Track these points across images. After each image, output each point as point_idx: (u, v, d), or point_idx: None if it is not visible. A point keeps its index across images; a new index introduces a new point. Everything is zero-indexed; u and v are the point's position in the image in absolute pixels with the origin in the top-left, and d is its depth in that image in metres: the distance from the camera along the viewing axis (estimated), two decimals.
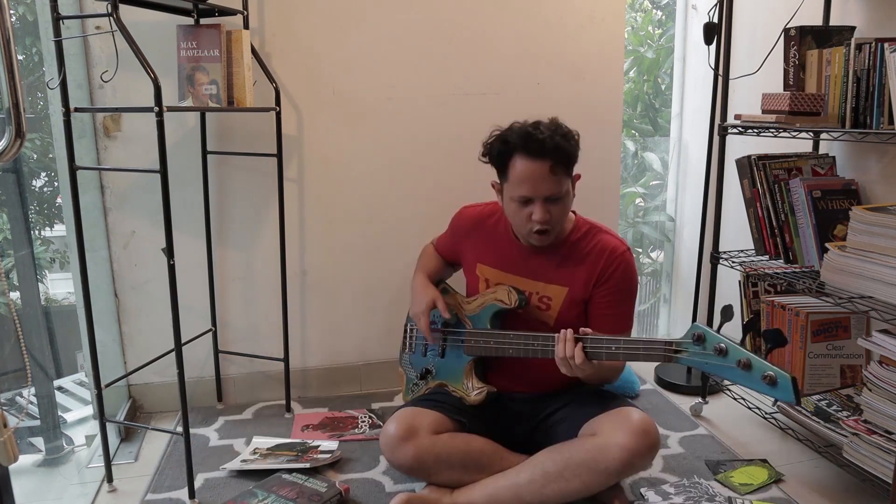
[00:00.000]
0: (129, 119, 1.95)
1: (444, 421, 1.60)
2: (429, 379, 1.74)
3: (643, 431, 1.45)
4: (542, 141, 1.50)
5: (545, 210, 1.53)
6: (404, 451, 1.53)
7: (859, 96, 1.62)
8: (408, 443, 1.53)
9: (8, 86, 0.93)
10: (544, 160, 1.50)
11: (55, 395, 2.11)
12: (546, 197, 1.52)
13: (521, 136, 1.52)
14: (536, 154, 1.50)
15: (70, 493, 1.70)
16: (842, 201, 1.78)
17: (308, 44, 2.04)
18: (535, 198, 1.53)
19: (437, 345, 1.72)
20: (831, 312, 1.83)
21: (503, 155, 1.56)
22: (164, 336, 2.02)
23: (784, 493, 1.65)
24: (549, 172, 1.50)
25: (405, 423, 1.55)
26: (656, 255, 3.19)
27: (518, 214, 1.57)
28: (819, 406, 1.77)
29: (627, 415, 1.49)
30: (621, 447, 1.43)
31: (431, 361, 1.74)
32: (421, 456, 1.53)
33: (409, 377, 1.80)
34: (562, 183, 1.54)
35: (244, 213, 2.09)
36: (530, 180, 1.51)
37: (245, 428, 2.00)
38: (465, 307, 1.70)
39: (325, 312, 2.22)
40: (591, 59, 2.24)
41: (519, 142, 1.52)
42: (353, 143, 2.13)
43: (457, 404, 1.65)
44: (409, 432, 1.54)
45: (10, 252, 1.96)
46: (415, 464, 1.54)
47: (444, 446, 1.54)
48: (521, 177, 1.52)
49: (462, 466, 1.55)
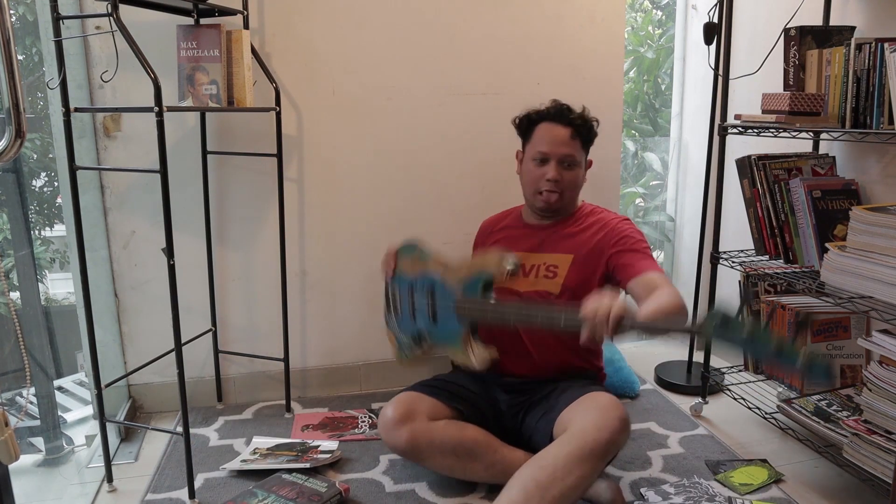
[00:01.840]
0: (129, 119, 1.95)
1: (442, 408, 1.63)
2: (423, 344, 1.70)
3: (607, 406, 1.47)
4: (569, 111, 1.74)
5: (559, 171, 1.70)
6: (400, 434, 1.56)
7: (859, 96, 1.62)
8: (404, 426, 1.56)
9: (8, 86, 0.93)
10: (566, 126, 1.72)
11: (55, 395, 2.11)
12: (561, 158, 1.71)
13: (551, 107, 1.76)
14: (560, 120, 1.73)
15: (70, 493, 1.70)
16: (842, 201, 1.78)
17: (308, 44, 2.04)
18: (551, 156, 1.71)
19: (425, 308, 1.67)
20: (831, 312, 1.84)
21: (532, 121, 1.77)
22: (164, 336, 2.02)
23: (784, 493, 1.65)
24: (569, 137, 1.71)
25: (403, 407, 1.59)
26: (656, 255, 3.18)
27: (533, 173, 1.74)
28: (819, 406, 1.77)
29: (593, 397, 1.53)
30: (595, 427, 1.43)
31: (424, 326, 1.69)
32: (416, 440, 1.56)
33: (400, 340, 1.76)
34: (578, 151, 1.73)
35: (244, 213, 2.09)
36: (550, 140, 1.71)
37: (245, 428, 2.00)
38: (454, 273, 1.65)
39: (325, 312, 2.22)
40: (591, 59, 2.24)
41: (548, 111, 1.75)
42: (353, 143, 2.13)
43: (455, 392, 1.68)
44: (406, 416, 1.57)
45: (10, 252, 1.96)
46: (409, 447, 1.57)
47: (439, 432, 1.57)
48: (542, 136, 1.73)
49: (454, 454, 1.57)
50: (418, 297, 1.68)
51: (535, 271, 1.74)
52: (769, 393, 2.10)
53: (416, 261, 1.73)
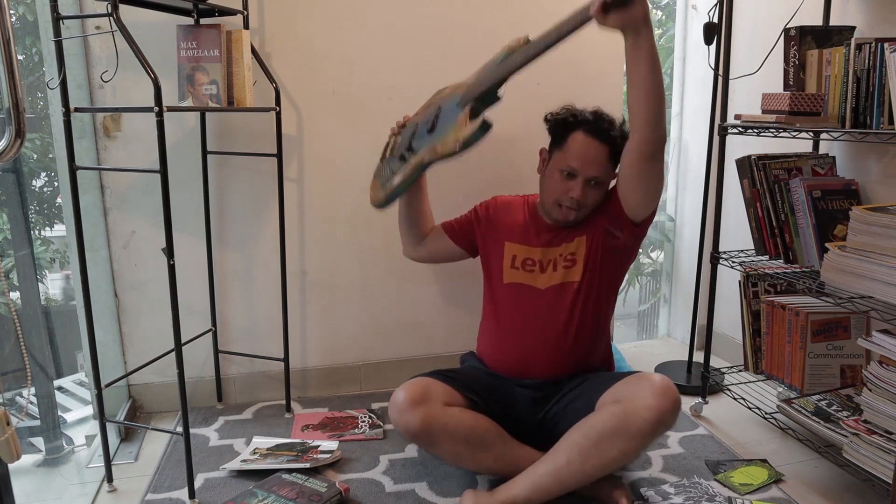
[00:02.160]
0: (129, 119, 1.95)
1: (456, 396, 1.60)
2: (409, 157, 1.61)
3: (664, 389, 1.47)
4: (610, 127, 1.62)
5: (584, 191, 1.62)
6: (413, 415, 1.52)
7: (859, 96, 1.62)
8: (418, 408, 1.52)
9: (8, 86, 0.93)
10: (605, 144, 1.61)
11: (55, 395, 2.11)
12: (589, 178, 1.62)
13: (593, 114, 1.64)
14: (601, 136, 1.61)
15: (70, 493, 1.70)
16: (842, 201, 1.78)
17: (308, 44, 2.04)
18: (580, 174, 1.61)
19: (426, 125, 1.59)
20: (831, 312, 1.84)
21: (568, 125, 1.64)
22: (164, 336, 2.02)
23: (784, 493, 1.65)
24: (605, 156, 1.61)
25: (418, 389, 1.55)
26: (656, 255, 3.19)
27: (556, 184, 1.65)
28: (819, 406, 1.77)
29: (647, 378, 1.51)
30: (649, 407, 1.44)
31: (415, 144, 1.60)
32: (429, 422, 1.52)
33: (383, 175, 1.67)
34: (608, 172, 1.64)
35: (244, 213, 2.09)
36: (585, 156, 1.61)
37: (245, 428, 2.00)
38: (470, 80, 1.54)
39: (325, 312, 2.22)
40: (591, 59, 2.24)
41: (589, 118, 1.63)
42: (353, 143, 2.13)
43: (470, 384, 1.66)
44: (421, 398, 1.54)
45: (10, 252, 1.97)
46: (421, 430, 1.52)
47: (453, 418, 1.54)
48: (576, 149, 1.61)
49: (466, 441, 1.55)
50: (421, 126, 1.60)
51: (552, 265, 1.71)
52: (769, 393, 2.10)
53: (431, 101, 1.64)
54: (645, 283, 3.85)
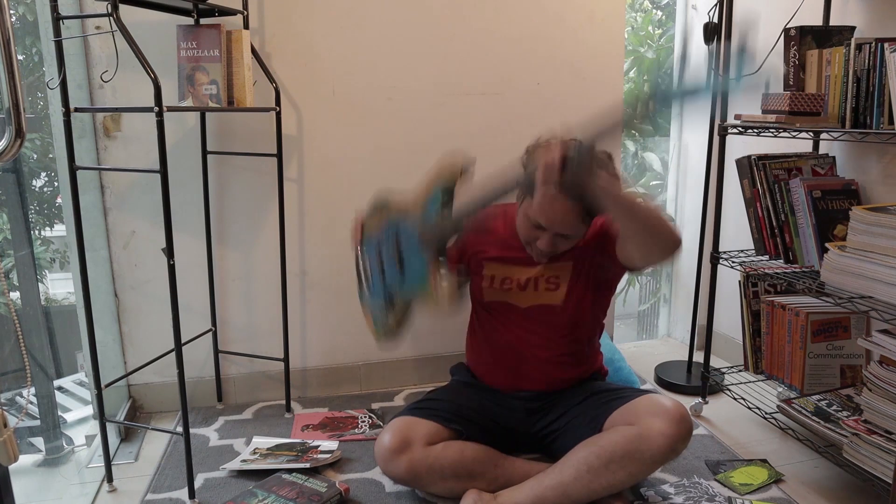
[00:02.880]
0: (129, 119, 1.95)
1: (440, 430, 1.59)
2: (395, 304, 1.60)
3: (681, 417, 1.46)
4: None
5: (552, 243, 1.54)
6: (398, 464, 1.53)
7: (859, 96, 1.62)
8: (402, 455, 1.52)
9: (8, 86, 0.93)
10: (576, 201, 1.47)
11: (55, 395, 2.11)
12: (557, 234, 1.53)
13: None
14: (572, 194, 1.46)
15: (70, 493, 1.70)
16: (842, 201, 1.78)
17: (308, 44, 2.04)
18: (548, 229, 1.52)
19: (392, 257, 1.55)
20: (831, 312, 1.84)
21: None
22: (164, 336, 2.02)
23: (784, 493, 1.65)
24: (576, 216, 1.49)
25: (399, 436, 1.54)
26: None
27: (526, 230, 1.57)
28: (819, 406, 1.77)
29: (660, 402, 1.50)
30: (663, 434, 1.43)
31: (392, 281, 1.57)
32: (414, 468, 1.52)
33: (374, 314, 1.67)
34: (580, 226, 1.54)
35: (244, 213, 2.09)
36: (551, 214, 1.49)
37: (245, 428, 2.00)
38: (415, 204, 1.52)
39: (325, 312, 2.22)
40: (591, 59, 2.24)
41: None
42: (353, 143, 2.13)
43: (452, 411, 1.64)
44: (403, 444, 1.53)
45: (10, 252, 1.96)
46: (408, 476, 1.53)
47: (437, 458, 1.53)
48: (543, 205, 1.49)
49: (455, 476, 1.54)
50: (385, 249, 1.57)
51: (533, 284, 1.67)
52: (769, 393, 2.10)
53: (381, 214, 1.61)
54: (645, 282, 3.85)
